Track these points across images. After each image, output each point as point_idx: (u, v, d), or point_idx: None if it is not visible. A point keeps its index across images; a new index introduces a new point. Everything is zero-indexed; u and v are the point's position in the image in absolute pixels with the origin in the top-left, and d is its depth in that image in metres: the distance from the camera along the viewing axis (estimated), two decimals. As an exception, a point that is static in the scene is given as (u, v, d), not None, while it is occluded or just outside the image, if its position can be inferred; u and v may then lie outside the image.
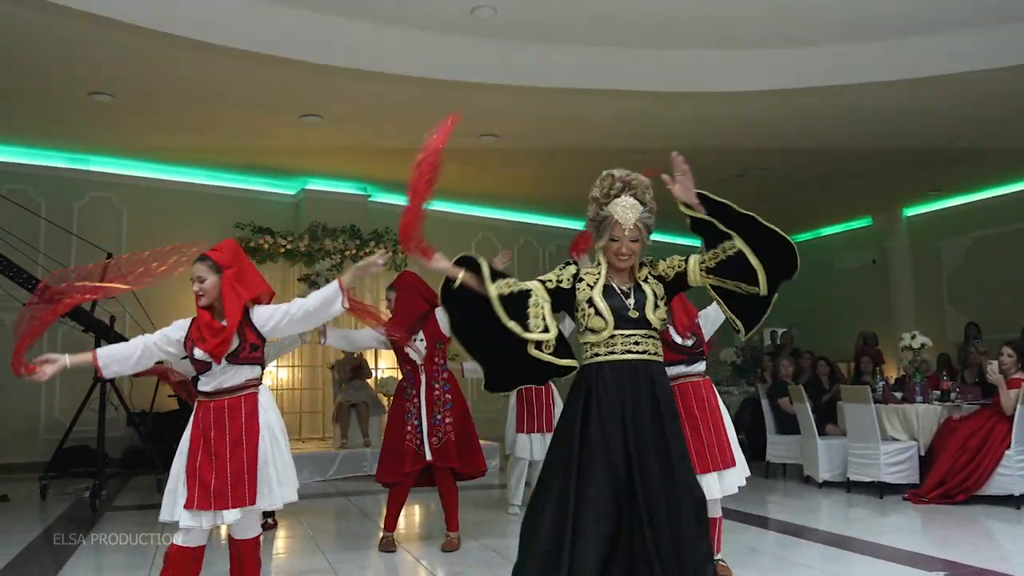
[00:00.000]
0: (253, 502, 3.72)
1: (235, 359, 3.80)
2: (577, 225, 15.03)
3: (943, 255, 13.87)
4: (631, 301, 3.19)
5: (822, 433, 8.47)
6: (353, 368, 10.26)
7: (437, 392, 5.72)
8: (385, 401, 10.37)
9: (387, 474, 5.70)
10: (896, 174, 11.88)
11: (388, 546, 5.76)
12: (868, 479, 7.77)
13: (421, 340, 5.72)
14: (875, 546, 5.61)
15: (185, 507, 3.67)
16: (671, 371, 4.53)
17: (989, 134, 9.91)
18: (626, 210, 3.22)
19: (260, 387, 3.89)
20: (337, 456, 9.47)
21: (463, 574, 5.07)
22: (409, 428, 5.63)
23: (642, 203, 3.26)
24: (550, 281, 3.27)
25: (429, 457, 5.59)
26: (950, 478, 7.24)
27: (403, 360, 5.75)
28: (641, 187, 3.31)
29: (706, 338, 4.99)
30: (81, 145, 10.60)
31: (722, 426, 4.84)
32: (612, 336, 3.15)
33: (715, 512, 4.71)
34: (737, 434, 12.03)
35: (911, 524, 6.61)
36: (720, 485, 4.66)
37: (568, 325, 7.05)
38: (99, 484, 7.52)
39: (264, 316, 3.88)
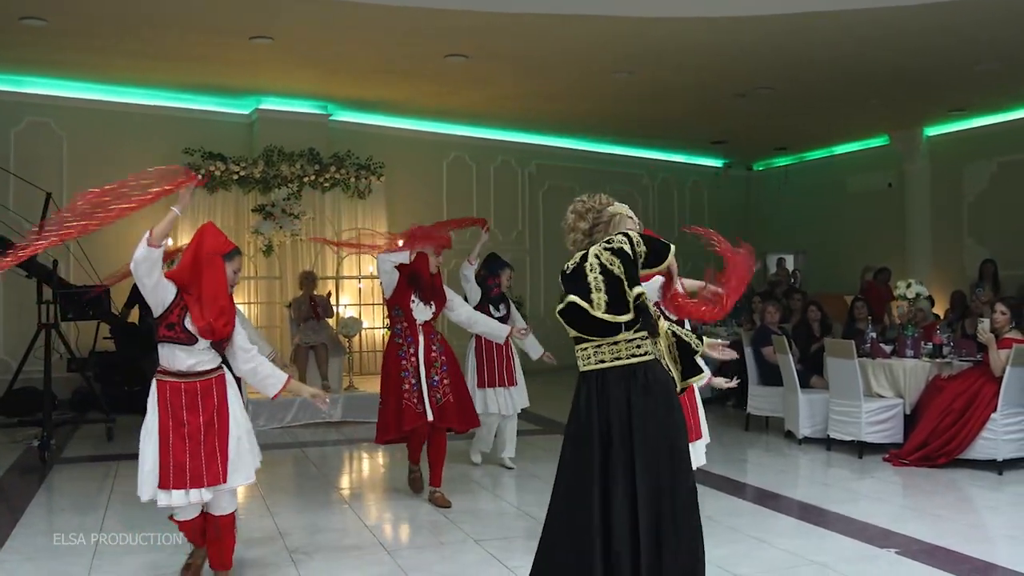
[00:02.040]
0: (225, 480, 4.30)
1: (217, 345, 4.36)
2: (561, 143, 15.23)
3: (965, 181, 14.08)
4: None
5: (807, 385, 8.85)
6: (312, 307, 10.57)
7: (434, 354, 6.29)
8: (346, 343, 10.75)
9: (389, 431, 6.24)
10: (917, 92, 11.99)
11: (416, 485, 6.67)
12: (849, 438, 8.18)
13: (429, 304, 6.35)
14: (847, 520, 5.99)
15: (161, 487, 4.20)
16: None
17: (1017, 55, 10.03)
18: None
19: (224, 368, 4.42)
20: (294, 402, 9.85)
21: (426, 544, 5.49)
22: (406, 386, 6.15)
23: None
24: None
25: (431, 417, 6.14)
26: (932, 440, 7.61)
27: (404, 317, 6.26)
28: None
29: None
30: (15, 67, 10.73)
31: (692, 394, 5.26)
32: None
33: None
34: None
35: (888, 491, 6.99)
36: None
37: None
38: (48, 435, 8.02)
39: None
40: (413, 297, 6.26)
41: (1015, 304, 7.66)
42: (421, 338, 6.24)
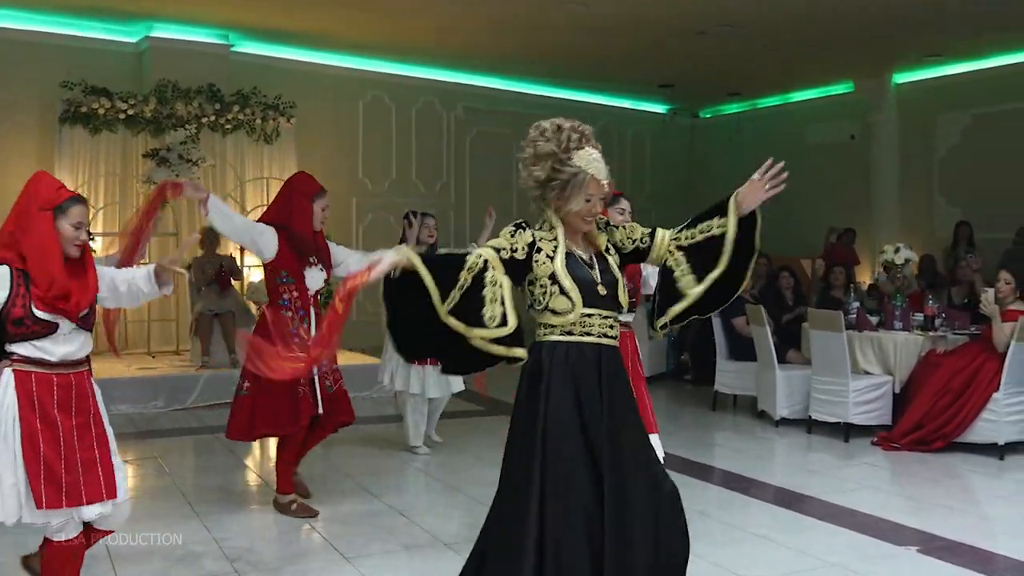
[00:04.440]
0: (113, 495, 3.90)
1: (85, 323, 3.91)
2: (493, 83, 15.01)
3: (936, 133, 14.33)
4: (596, 274, 3.41)
5: (783, 361, 8.90)
6: (216, 270, 10.24)
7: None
8: (256, 311, 10.43)
9: (276, 424, 5.75)
10: (888, 32, 12.07)
11: (306, 510, 5.93)
12: (833, 419, 8.24)
13: (320, 269, 5.87)
14: (850, 514, 5.99)
15: (37, 508, 3.78)
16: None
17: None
18: (599, 163, 3.37)
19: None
20: (198, 380, 9.54)
21: (365, 546, 5.31)
22: None
23: None
24: (504, 250, 3.36)
25: (321, 408, 5.76)
26: (928, 422, 7.71)
27: (294, 282, 5.78)
28: (593, 137, 3.44)
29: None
30: None
31: (643, 386, 5.17)
32: (582, 317, 3.36)
33: None
34: (679, 355, 12.36)
35: (880, 478, 7.09)
36: None
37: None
38: None
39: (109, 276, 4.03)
40: (312, 258, 5.80)
41: (1022, 272, 7.76)
42: (313, 311, 5.84)
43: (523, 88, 15.49)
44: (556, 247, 3.39)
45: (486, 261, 3.31)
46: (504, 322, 3.30)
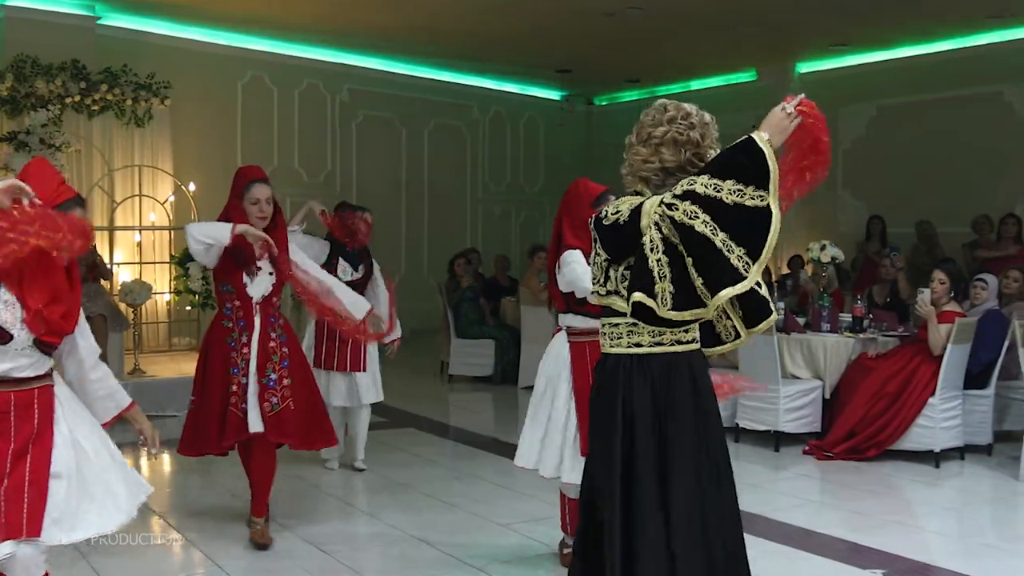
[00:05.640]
0: (35, 532, 3.40)
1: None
2: (380, 65, 14.63)
3: (840, 125, 14.39)
4: None
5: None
6: (86, 267, 9.60)
7: (273, 344, 5.41)
8: (130, 314, 9.86)
9: (200, 445, 5.44)
10: (793, 19, 12.08)
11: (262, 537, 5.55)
12: (763, 427, 8.10)
13: (270, 274, 5.44)
14: (803, 534, 5.87)
15: None
16: (589, 324, 4.80)
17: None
18: None
19: (54, 376, 3.66)
20: (64, 389, 8.93)
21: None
22: (235, 387, 5.31)
23: None
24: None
25: (258, 428, 5.29)
26: (861, 429, 7.63)
27: (235, 291, 5.39)
28: None
29: None
30: None
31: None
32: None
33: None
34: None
35: (827, 493, 7.01)
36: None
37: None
38: None
39: None
40: (256, 265, 5.40)
41: (955, 272, 7.75)
42: (258, 321, 5.40)
43: (413, 71, 15.17)
44: None
45: None
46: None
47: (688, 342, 3.31)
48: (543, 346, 5.29)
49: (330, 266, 6.66)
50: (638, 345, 3.27)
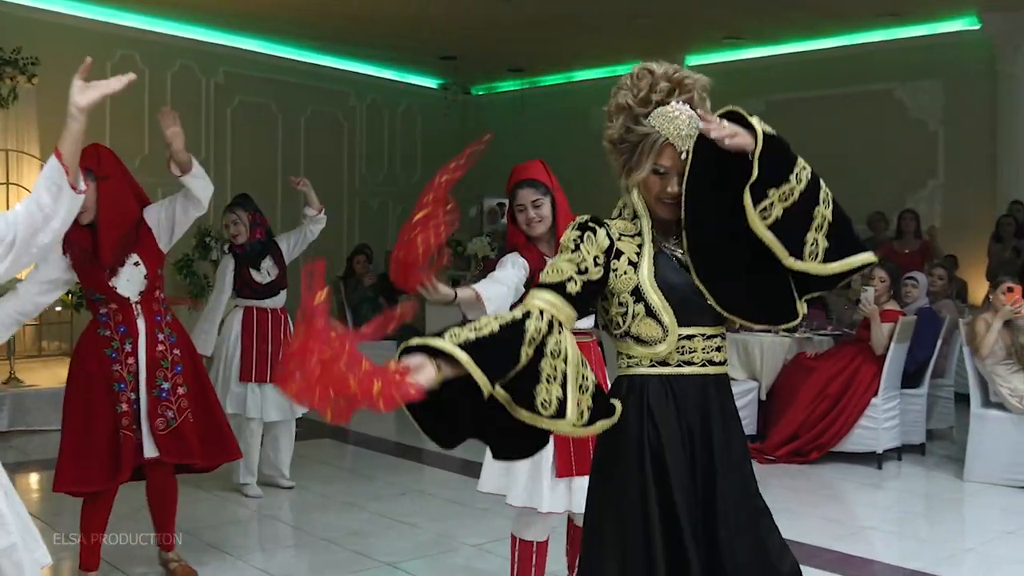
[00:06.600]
0: None
1: None
2: (257, 46, 14.00)
3: (727, 121, 14.50)
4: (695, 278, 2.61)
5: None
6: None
7: (162, 347, 4.74)
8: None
9: (88, 480, 4.65)
10: (682, 10, 12.04)
11: None
12: (700, 431, 7.95)
13: (136, 264, 4.70)
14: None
15: None
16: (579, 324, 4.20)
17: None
18: (685, 125, 2.59)
19: None
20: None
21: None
22: (124, 405, 4.61)
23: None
24: (572, 281, 2.53)
25: (154, 453, 4.66)
26: (804, 431, 7.57)
27: (102, 293, 4.68)
28: (698, 88, 2.70)
29: None
30: None
31: None
32: (680, 342, 2.60)
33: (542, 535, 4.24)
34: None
35: (775, 497, 6.77)
36: (570, 498, 4.10)
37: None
38: None
39: None
40: (122, 265, 4.68)
41: (894, 270, 7.74)
42: (142, 325, 4.72)
43: (290, 54, 14.52)
44: (642, 245, 2.63)
45: (550, 323, 2.46)
46: (561, 412, 2.43)
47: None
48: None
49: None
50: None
